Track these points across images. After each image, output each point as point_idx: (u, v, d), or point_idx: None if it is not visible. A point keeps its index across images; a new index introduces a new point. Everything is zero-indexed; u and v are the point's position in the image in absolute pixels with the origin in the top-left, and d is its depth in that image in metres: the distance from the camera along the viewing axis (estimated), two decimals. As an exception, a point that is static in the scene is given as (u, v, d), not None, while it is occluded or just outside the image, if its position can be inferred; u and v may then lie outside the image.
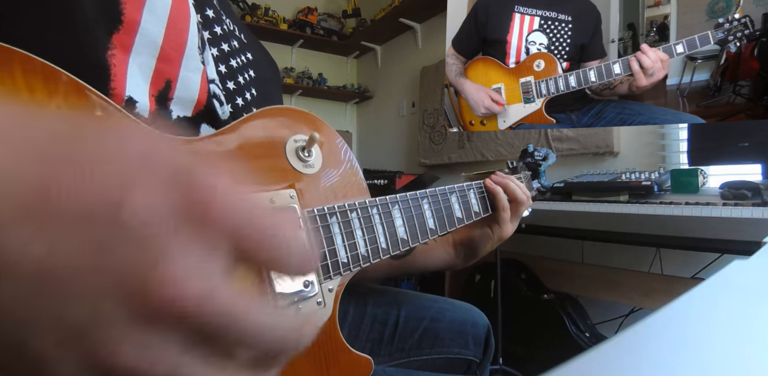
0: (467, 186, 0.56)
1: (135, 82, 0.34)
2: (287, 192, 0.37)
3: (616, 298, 1.46)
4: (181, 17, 0.36)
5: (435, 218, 0.50)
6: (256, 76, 0.48)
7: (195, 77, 0.38)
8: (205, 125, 0.40)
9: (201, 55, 0.39)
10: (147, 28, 0.34)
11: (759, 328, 0.19)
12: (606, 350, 0.16)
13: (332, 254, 0.39)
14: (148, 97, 0.35)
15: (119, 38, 0.33)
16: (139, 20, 0.33)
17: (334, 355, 0.38)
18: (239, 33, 0.49)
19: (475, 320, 0.68)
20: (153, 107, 0.35)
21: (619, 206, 1.08)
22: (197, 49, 0.38)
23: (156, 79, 0.35)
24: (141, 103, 0.34)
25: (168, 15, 0.35)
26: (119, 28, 0.32)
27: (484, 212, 0.59)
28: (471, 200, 0.57)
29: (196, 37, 0.38)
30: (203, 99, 0.39)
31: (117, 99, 0.32)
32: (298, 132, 0.40)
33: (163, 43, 0.35)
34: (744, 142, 1.16)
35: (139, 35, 0.33)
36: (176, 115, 0.37)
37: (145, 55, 0.34)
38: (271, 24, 2.81)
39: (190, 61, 0.37)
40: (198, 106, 0.39)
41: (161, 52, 0.35)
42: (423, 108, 2.63)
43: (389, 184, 2.02)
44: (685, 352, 0.16)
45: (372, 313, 0.65)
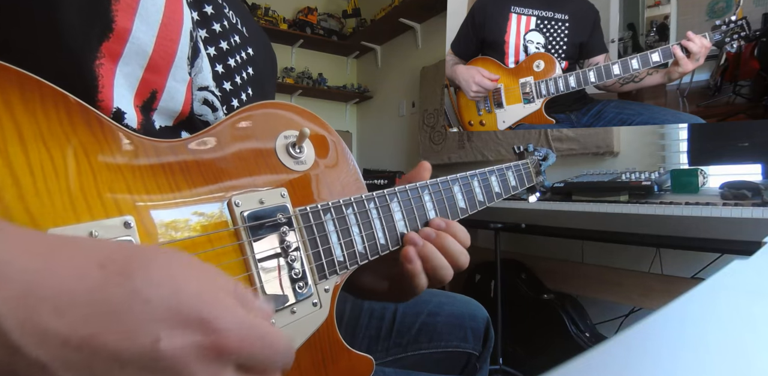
0: (471, 175, 0.52)
1: (121, 93, 0.33)
2: (278, 191, 0.36)
3: (616, 298, 1.46)
4: (173, 26, 0.35)
5: (437, 210, 0.47)
6: (254, 74, 0.48)
7: (181, 88, 0.37)
8: (184, 133, 0.39)
9: (189, 66, 0.38)
10: (138, 36, 0.33)
11: (759, 328, 0.19)
12: (606, 350, 0.16)
13: (327, 253, 0.38)
14: (133, 107, 0.34)
15: (109, 47, 0.32)
16: (131, 28, 0.32)
17: (333, 356, 0.38)
18: (242, 26, 0.48)
19: (474, 313, 0.68)
20: (140, 118, 0.35)
21: (619, 206, 1.08)
22: (186, 59, 0.37)
23: (142, 90, 0.35)
24: (129, 114, 0.33)
25: (160, 23, 0.34)
26: (110, 36, 0.32)
27: (489, 200, 0.54)
28: (475, 188, 0.52)
29: (186, 47, 0.37)
30: (186, 110, 0.38)
31: (105, 111, 0.32)
32: (288, 128, 0.39)
33: (152, 52, 0.34)
34: (744, 142, 1.16)
35: (129, 44, 0.33)
36: (158, 125, 0.37)
37: (133, 65, 0.33)
38: (271, 24, 2.81)
39: (177, 71, 0.37)
40: (180, 117, 0.39)
41: (150, 62, 0.34)
42: (423, 108, 2.63)
43: (389, 184, 2.02)
44: (685, 352, 0.16)
45: (369, 309, 0.65)
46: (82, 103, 0.27)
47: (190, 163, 0.32)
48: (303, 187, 0.39)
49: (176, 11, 0.36)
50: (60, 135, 0.25)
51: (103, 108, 0.32)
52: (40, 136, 0.24)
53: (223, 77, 0.43)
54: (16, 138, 0.24)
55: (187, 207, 0.31)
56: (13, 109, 0.24)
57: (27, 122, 0.24)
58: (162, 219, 0.29)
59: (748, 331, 0.18)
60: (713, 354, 0.16)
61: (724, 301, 0.22)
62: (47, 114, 0.25)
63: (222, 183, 0.33)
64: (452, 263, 0.43)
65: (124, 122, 0.33)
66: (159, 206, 0.29)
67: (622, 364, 0.15)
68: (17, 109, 0.24)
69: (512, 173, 0.60)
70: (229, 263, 0.32)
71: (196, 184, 0.32)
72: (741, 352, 0.16)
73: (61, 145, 0.25)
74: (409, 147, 2.87)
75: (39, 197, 0.24)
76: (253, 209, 0.34)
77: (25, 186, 0.23)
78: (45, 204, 0.24)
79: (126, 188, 0.28)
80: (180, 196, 0.30)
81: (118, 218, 0.26)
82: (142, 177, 0.29)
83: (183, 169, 0.31)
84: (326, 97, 3.24)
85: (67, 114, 0.26)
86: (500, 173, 0.57)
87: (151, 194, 0.29)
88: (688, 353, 0.16)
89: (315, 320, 0.36)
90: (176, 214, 0.30)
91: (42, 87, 0.25)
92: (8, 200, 0.23)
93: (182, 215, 0.30)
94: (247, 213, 0.33)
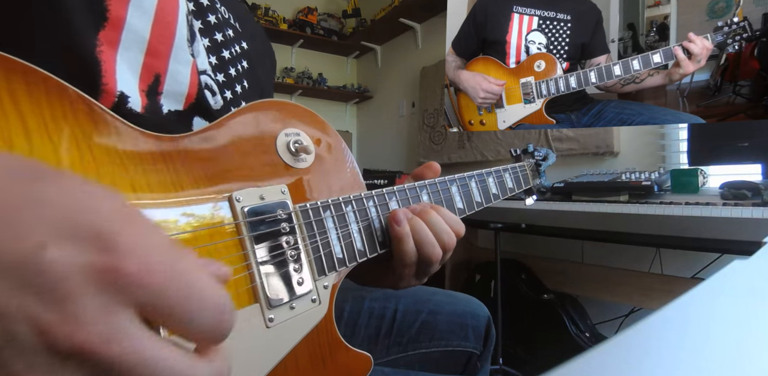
0: (468, 176, 0.53)
1: (125, 78, 0.33)
2: (278, 187, 0.37)
3: (616, 298, 1.46)
4: (168, 9, 0.36)
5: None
6: (248, 68, 0.48)
7: (185, 70, 0.38)
8: (197, 118, 0.40)
9: (190, 48, 0.39)
10: (133, 23, 0.34)
11: (759, 328, 0.19)
12: (606, 350, 0.16)
13: (327, 250, 0.38)
14: (138, 92, 0.35)
15: (106, 35, 0.32)
16: (125, 16, 0.33)
17: (331, 353, 0.38)
18: (234, 21, 0.49)
19: (476, 312, 0.68)
20: (145, 102, 0.35)
21: (619, 206, 1.08)
22: (186, 41, 0.38)
23: (145, 74, 0.35)
24: (133, 98, 0.34)
25: (155, 8, 0.35)
26: (104, 25, 0.32)
27: (486, 201, 0.55)
28: (473, 189, 0.53)
29: (184, 29, 0.38)
30: (194, 92, 0.39)
31: (109, 95, 0.32)
32: (289, 125, 0.39)
33: (150, 37, 0.35)
34: (744, 142, 1.16)
35: (125, 31, 0.33)
36: (167, 109, 0.37)
37: (133, 51, 0.34)
38: (271, 24, 2.81)
39: (179, 53, 0.37)
40: (189, 99, 0.39)
41: (149, 47, 0.35)
42: (423, 108, 2.63)
43: (389, 184, 2.02)
44: (685, 352, 0.16)
45: (369, 307, 0.65)
46: (86, 96, 0.27)
47: (192, 158, 0.32)
48: (303, 184, 0.39)
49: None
50: (64, 127, 0.26)
51: (107, 92, 0.32)
52: (44, 128, 0.25)
53: (216, 69, 0.43)
54: (21, 130, 0.24)
55: (188, 201, 0.31)
56: (19, 101, 0.24)
57: (32, 114, 0.24)
58: (163, 213, 0.29)
59: (748, 331, 0.18)
60: (713, 354, 0.16)
61: (724, 301, 0.22)
62: (52, 106, 0.25)
63: (223, 179, 0.34)
64: (439, 240, 0.42)
65: (127, 106, 0.34)
66: (160, 200, 0.29)
67: (622, 364, 0.15)
68: (22, 101, 0.24)
69: (509, 175, 0.61)
70: (229, 258, 0.32)
71: (197, 179, 0.32)
72: (741, 352, 0.16)
73: (65, 137, 0.26)
74: (409, 147, 2.87)
75: None
76: (254, 204, 0.34)
77: None
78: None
79: (128, 181, 0.28)
80: (181, 190, 0.31)
81: None
82: (144, 171, 0.29)
83: (185, 164, 0.32)
84: (326, 97, 3.25)
85: (71, 107, 0.26)
86: (497, 175, 0.58)
87: (153, 188, 0.29)
88: (688, 353, 0.16)
89: (314, 316, 0.36)
90: (177, 208, 0.30)
91: (47, 80, 0.25)
92: None
93: (183, 209, 0.30)
94: (247, 208, 0.34)
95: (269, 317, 0.33)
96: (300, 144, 0.39)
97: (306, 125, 0.41)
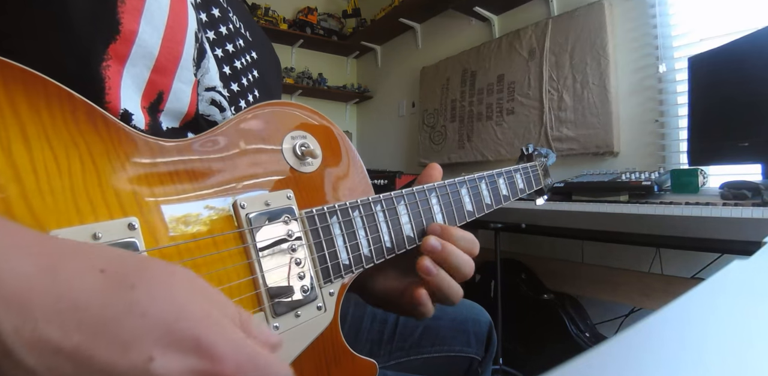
0: (479, 177, 0.51)
1: (128, 95, 0.33)
2: (284, 192, 0.36)
3: (616, 298, 1.46)
4: (178, 27, 0.36)
5: (444, 213, 0.46)
6: (259, 77, 0.48)
7: (187, 89, 0.38)
8: (190, 134, 0.39)
9: (194, 67, 0.38)
10: (144, 38, 0.33)
11: (759, 328, 0.19)
12: (606, 350, 0.16)
13: (333, 257, 0.37)
14: (140, 109, 0.34)
15: (115, 49, 0.32)
16: (137, 30, 0.32)
17: (336, 361, 0.37)
18: (245, 30, 0.49)
19: (478, 318, 0.68)
20: (148, 119, 0.35)
21: (619, 206, 1.08)
22: (192, 60, 0.38)
23: (149, 91, 0.35)
24: (136, 115, 0.33)
25: (165, 25, 0.34)
26: (116, 38, 0.32)
27: (497, 203, 0.53)
28: (483, 191, 0.51)
29: (192, 49, 0.37)
30: (192, 111, 0.39)
31: (112, 113, 0.32)
32: (296, 128, 0.38)
33: (159, 54, 0.34)
34: (744, 142, 1.16)
35: (136, 46, 0.33)
36: (165, 126, 0.37)
37: (140, 67, 0.34)
38: (271, 24, 2.80)
39: (183, 72, 0.37)
40: (186, 118, 0.39)
41: (156, 64, 0.34)
42: (423, 108, 2.63)
43: (389, 184, 2.01)
44: (685, 352, 0.16)
45: (372, 312, 0.65)
46: (88, 102, 0.27)
47: (196, 164, 0.32)
48: (309, 188, 0.38)
49: (181, 13, 0.36)
50: (64, 134, 0.25)
51: (111, 109, 0.32)
52: (44, 134, 0.24)
53: (230, 78, 0.43)
54: (20, 136, 0.23)
55: (192, 209, 0.30)
56: (18, 107, 0.23)
57: (31, 120, 0.24)
58: (166, 221, 0.29)
59: (748, 331, 0.18)
60: (713, 354, 0.16)
61: (724, 301, 0.22)
62: (52, 112, 0.25)
63: (228, 184, 0.33)
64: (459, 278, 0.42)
65: (131, 124, 0.33)
66: (163, 208, 0.29)
67: (622, 364, 0.15)
68: (21, 107, 0.24)
69: (520, 176, 0.59)
70: (234, 266, 0.31)
71: (201, 185, 0.31)
72: (741, 352, 0.16)
73: (65, 144, 0.25)
74: (409, 147, 2.87)
75: (42, 196, 0.24)
76: (259, 210, 0.33)
77: (29, 185, 0.23)
78: (48, 204, 0.24)
79: (130, 188, 0.28)
80: (185, 197, 0.30)
81: (122, 220, 0.26)
82: (147, 177, 0.29)
83: (188, 170, 0.31)
84: (326, 97, 3.24)
85: (72, 113, 0.26)
86: (508, 176, 0.56)
87: (156, 195, 0.29)
88: (688, 353, 0.16)
89: (319, 323, 0.36)
90: (181, 215, 0.30)
91: (47, 85, 0.25)
92: (11, 199, 0.22)
93: (187, 217, 0.30)
94: (252, 215, 0.33)
95: (274, 325, 0.32)
96: (306, 148, 0.38)
97: (312, 127, 0.40)
